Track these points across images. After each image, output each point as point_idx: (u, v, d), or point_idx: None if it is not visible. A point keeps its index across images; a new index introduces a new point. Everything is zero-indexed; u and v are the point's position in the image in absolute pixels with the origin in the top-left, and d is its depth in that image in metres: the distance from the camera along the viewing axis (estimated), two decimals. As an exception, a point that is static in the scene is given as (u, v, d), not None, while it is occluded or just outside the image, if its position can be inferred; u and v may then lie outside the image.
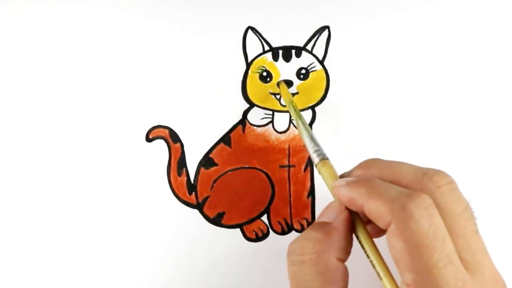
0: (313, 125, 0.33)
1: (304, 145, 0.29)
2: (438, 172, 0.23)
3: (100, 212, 0.33)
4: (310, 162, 0.33)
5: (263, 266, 0.33)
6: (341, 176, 0.26)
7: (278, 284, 0.32)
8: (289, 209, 0.33)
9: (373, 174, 0.24)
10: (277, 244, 0.33)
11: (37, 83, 0.34)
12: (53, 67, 0.34)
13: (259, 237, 0.33)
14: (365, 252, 0.23)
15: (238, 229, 0.33)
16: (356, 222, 0.24)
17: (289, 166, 0.33)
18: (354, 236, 0.24)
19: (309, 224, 0.33)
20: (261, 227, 0.33)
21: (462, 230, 0.21)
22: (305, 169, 0.33)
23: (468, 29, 0.34)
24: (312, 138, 0.28)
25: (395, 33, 0.34)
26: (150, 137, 0.33)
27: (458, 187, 0.23)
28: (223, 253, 0.33)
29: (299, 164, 0.33)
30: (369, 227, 0.24)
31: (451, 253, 0.20)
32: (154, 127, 0.33)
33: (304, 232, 0.24)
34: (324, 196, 0.33)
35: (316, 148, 0.27)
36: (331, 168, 0.26)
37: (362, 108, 0.34)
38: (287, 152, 0.33)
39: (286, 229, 0.33)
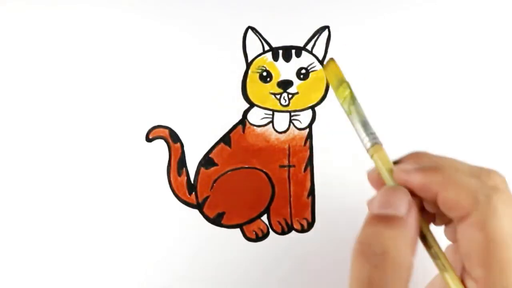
0: (313, 125, 0.33)
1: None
2: (493, 170, 0.22)
3: (100, 212, 0.33)
4: (310, 162, 0.33)
5: (263, 266, 0.33)
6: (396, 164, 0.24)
7: (278, 284, 0.32)
8: (289, 209, 0.33)
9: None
10: (277, 244, 0.33)
11: (37, 83, 0.34)
12: (53, 67, 0.34)
13: (259, 237, 0.33)
14: (428, 245, 0.22)
15: (238, 229, 0.33)
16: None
17: (289, 166, 0.33)
18: None
19: (309, 224, 0.33)
20: (261, 227, 0.33)
21: None
22: (305, 169, 0.33)
23: (467, 29, 0.34)
24: (365, 122, 0.26)
25: (395, 33, 0.34)
26: (150, 137, 0.33)
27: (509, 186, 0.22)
28: (223, 253, 0.33)
29: (299, 164, 0.33)
30: None
31: None
32: (154, 127, 0.33)
33: (375, 226, 0.21)
34: (324, 196, 0.33)
35: (371, 131, 0.25)
36: (385, 154, 0.24)
37: (362, 108, 0.34)
38: (287, 152, 0.33)
39: (286, 229, 0.33)
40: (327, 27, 0.34)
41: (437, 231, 0.23)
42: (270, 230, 0.33)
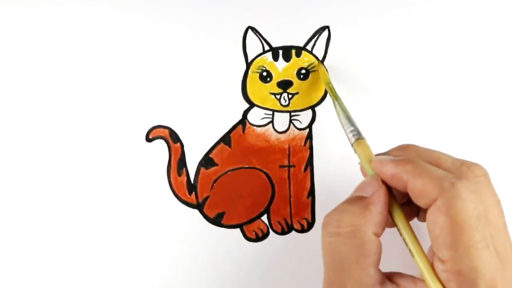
0: (313, 125, 0.33)
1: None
2: (475, 164, 0.24)
3: (100, 212, 0.33)
4: (310, 162, 0.33)
5: (263, 266, 0.33)
6: (377, 156, 0.26)
7: (278, 284, 0.32)
8: (289, 209, 0.33)
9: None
10: (277, 244, 0.33)
11: (38, 83, 0.34)
12: (53, 67, 0.34)
13: (259, 237, 0.33)
14: (398, 229, 0.24)
15: (238, 229, 0.33)
16: (390, 199, 0.24)
17: (289, 166, 0.33)
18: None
19: (309, 224, 0.33)
20: (261, 227, 0.33)
21: (495, 220, 0.22)
22: (305, 169, 0.33)
23: (467, 29, 0.34)
24: (349, 119, 0.28)
25: (395, 33, 0.34)
26: (150, 137, 0.33)
27: (491, 181, 0.24)
28: (223, 253, 0.33)
29: (299, 164, 0.33)
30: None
31: (488, 238, 0.21)
32: (154, 127, 0.33)
33: (341, 205, 0.24)
34: (324, 196, 0.33)
35: (352, 128, 0.28)
36: (367, 147, 0.27)
37: (362, 108, 0.34)
38: (287, 152, 0.33)
39: (286, 229, 0.33)
40: (327, 27, 0.34)
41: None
42: (270, 230, 0.33)
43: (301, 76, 0.34)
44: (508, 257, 0.22)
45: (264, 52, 0.34)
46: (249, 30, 0.34)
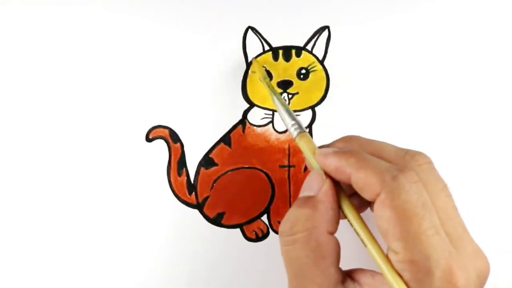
0: (313, 125, 0.33)
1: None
2: (418, 152, 0.24)
3: (100, 212, 0.33)
4: (310, 162, 0.33)
5: (263, 266, 0.33)
6: (320, 148, 0.26)
7: (278, 284, 0.32)
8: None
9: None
10: (277, 244, 0.32)
11: (38, 84, 0.34)
12: (53, 68, 0.34)
13: (259, 237, 0.33)
14: (349, 220, 0.23)
15: (238, 229, 0.33)
16: (338, 191, 0.24)
17: (289, 166, 0.33)
18: None
19: (309, 224, 0.33)
20: (261, 227, 0.33)
21: (443, 205, 0.22)
22: (305, 169, 0.33)
23: (467, 30, 0.34)
24: (289, 112, 0.28)
25: (395, 34, 0.34)
26: (150, 137, 0.33)
27: (435, 168, 0.23)
28: (223, 253, 0.33)
29: (299, 164, 0.33)
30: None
31: (438, 224, 0.21)
32: (154, 127, 0.33)
33: (292, 210, 0.24)
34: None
35: (293, 122, 0.27)
36: (310, 140, 0.26)
37: (362, 108, 0.34)
38: (287, 152, 0.33)
39: (286, 229, 0.33)
40: (327, 27, 0.34)
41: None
42: (270, 230, 0.33)
43: (301, 76, 0.34)
44: (462, 240, 0.22)
45: (264, 52, 0.34)
46: (249, 30, 0.34)
